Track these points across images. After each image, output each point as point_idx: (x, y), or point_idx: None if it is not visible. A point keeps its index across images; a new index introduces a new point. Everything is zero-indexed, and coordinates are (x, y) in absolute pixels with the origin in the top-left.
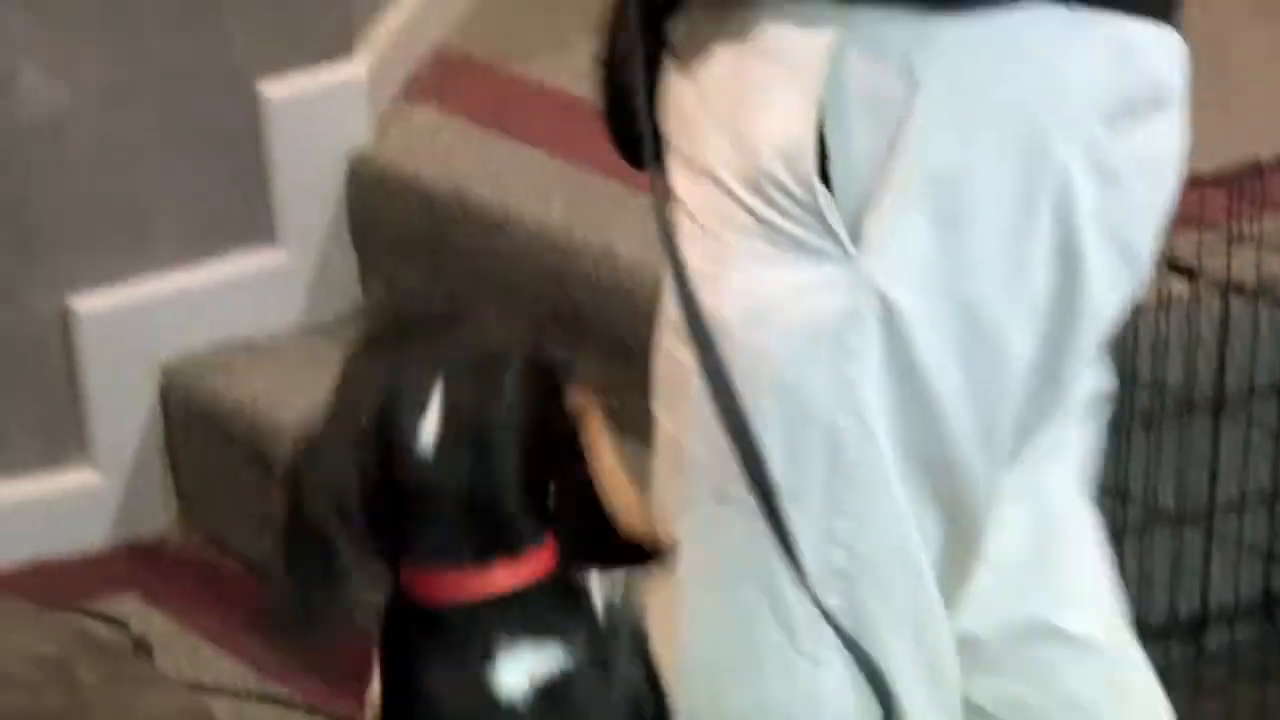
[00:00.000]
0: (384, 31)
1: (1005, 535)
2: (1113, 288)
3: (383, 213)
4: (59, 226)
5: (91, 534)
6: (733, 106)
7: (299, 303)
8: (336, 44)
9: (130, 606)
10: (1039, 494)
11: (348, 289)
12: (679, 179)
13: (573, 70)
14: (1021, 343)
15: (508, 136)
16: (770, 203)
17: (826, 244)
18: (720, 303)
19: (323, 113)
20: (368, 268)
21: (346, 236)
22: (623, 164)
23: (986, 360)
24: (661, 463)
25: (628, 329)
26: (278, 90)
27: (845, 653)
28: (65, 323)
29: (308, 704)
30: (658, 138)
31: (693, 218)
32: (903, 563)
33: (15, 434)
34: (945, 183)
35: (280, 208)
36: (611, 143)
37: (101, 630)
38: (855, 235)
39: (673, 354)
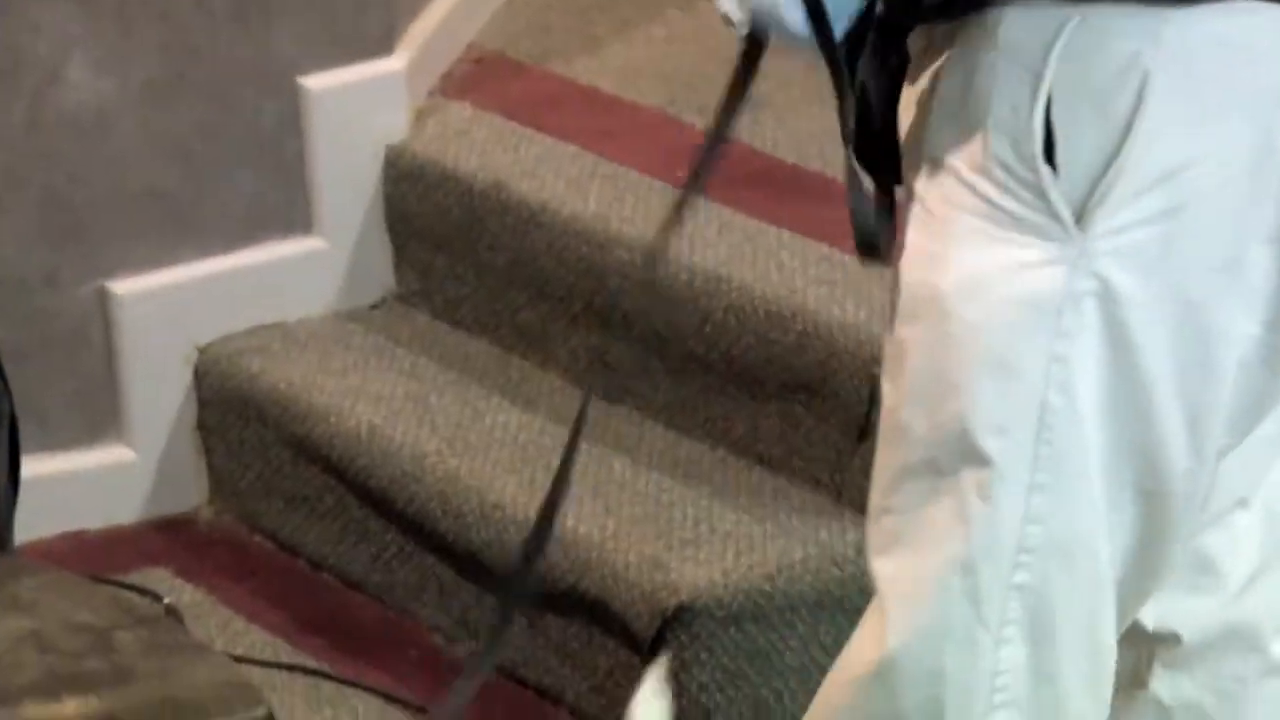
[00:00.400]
0: (422, 29)
1: (1234, 542)
2: None
3: (419, 204)
4: (102, 214)
5: (125, 509)
6: (964, 99)
7: (334, 290)
8: (377, 41)
9: (162, 580)
10: (1273, 504)
11: (383, 277)
12: (913, 177)
13: (605, 69)
14: (1238, 334)
15: (542, 132)
16: (996, 183)
17: (1050, 223)
18: (942, 277)
19: (362, 106)
20: (403, 257)
21: (382, 226)
22: (656, 159)
23: (1201, 351)
24: (881, 438)
25: (663, 321)
26: (319, 84)
27: (1028, 631)
28: (105, 305)
29: (339, 675)
30: (897, 150)
31: (922, 204)
32: (1088, 550)
33: (54, 411)
34: (1172, 174)
35: (318, 197)
36: (861, 166)
37: (138, 601)
38: (1080, 220)
39: (896, 332)
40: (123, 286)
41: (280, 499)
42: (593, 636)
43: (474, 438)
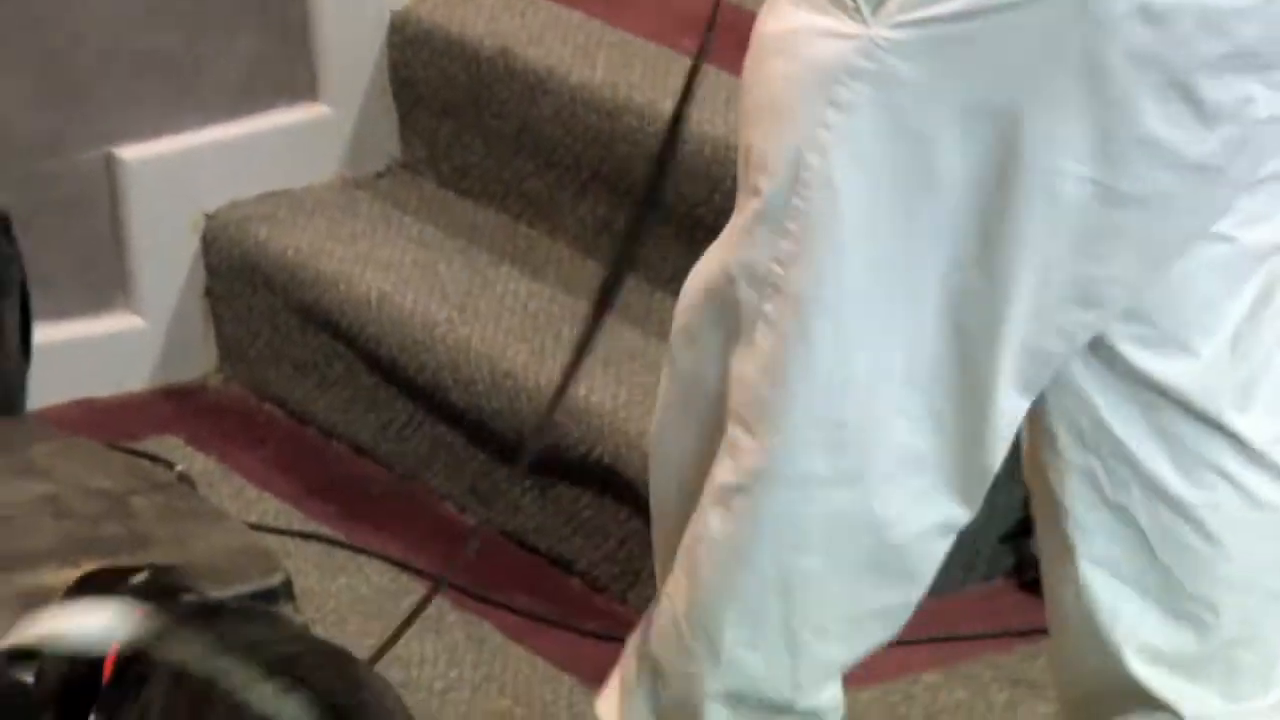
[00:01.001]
0: None
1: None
2: (1172, 125)
3: (424, 70)
4: (105, 79)
5: (135, 377)
6: None
7: (340, 156)
8: None
9: (174, 448)
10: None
11: (389, 145)
12: None
13: None
14: (1047, 166)
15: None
16: None
17: (853, 2)
18: (766, 25)
19: None
20: (408, 125)
21: (388, 93)
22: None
23: (995, 163)
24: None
25: (670, 187)
26: None
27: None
28: (111, 172)
29: (351, 543)
30: None
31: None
32: (822, 313)
33: (62, 279)
34: None
35: (322, 63)
36: None
37: (151, 468)
38: (876, 7)
39: None
40: (129, 152)
41: (289, 366)
42: (604, 505)
43: (483, 306)
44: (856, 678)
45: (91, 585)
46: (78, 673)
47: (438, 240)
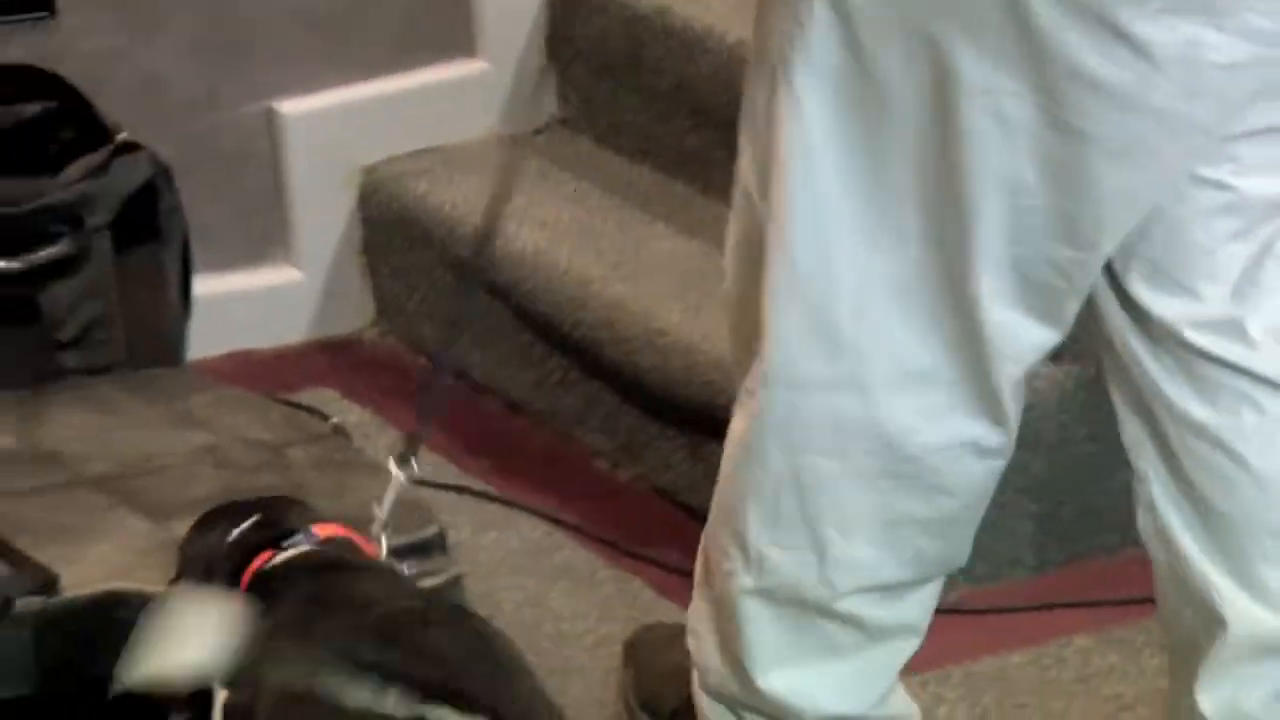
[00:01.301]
0: None
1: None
2: (1110, 62)
3: (582, 28)
4: (266, 34)
5: (292, 330)
6: None
7: (497, 113)
8: None
9: (329, 401)
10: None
11: (545, 101)
12: None
13: None
14: (985, 85)
15: None
16: None
17: None
18: None
19: None
20: (565, 82)
21: (545, 51)
22: None
23: (933, 90)
24: None
25: None
26: None
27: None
28: (271, 126)
29: (503, 497)
30: None
31: None
32: (805, 219)
33: (222, 232)
34: None
35: (481, 19)
36: None
37: (308, 419)
38: None
39: None
40: (288, 107)
41: (445, 322)
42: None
43: (638, 263)
44: (1007, 641)
45: (208, 525)
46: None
47: (593, 197)
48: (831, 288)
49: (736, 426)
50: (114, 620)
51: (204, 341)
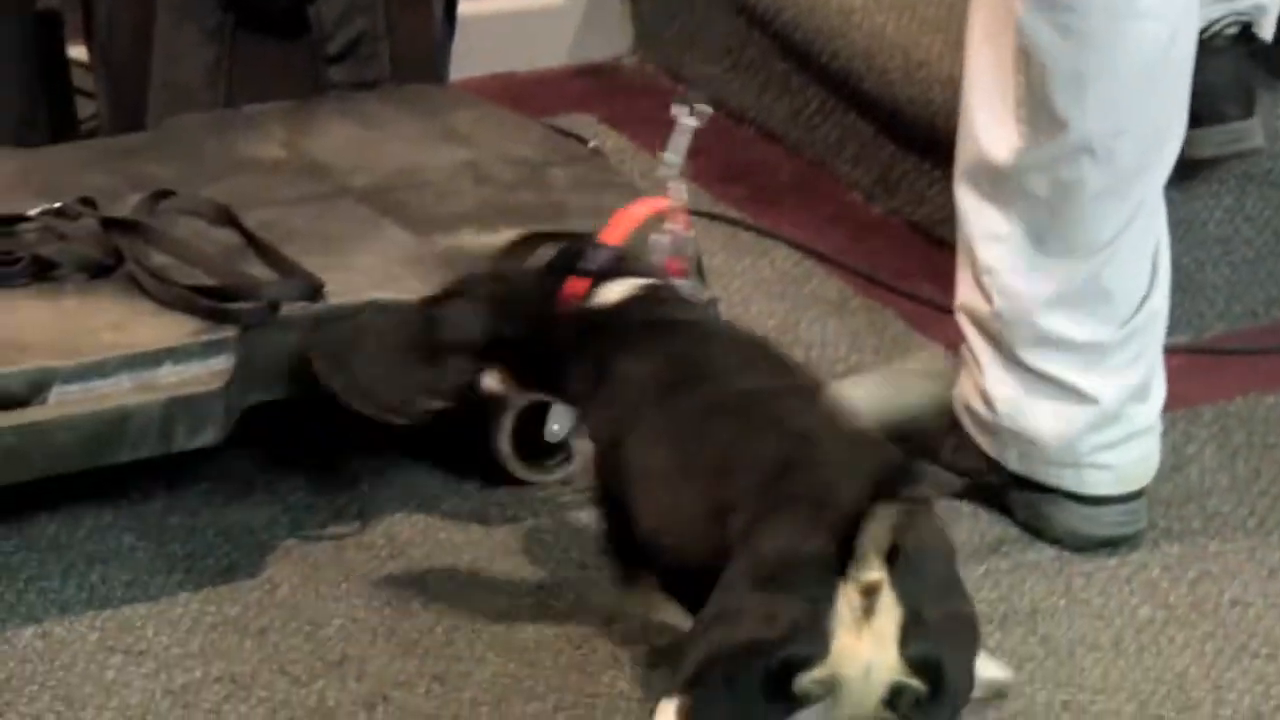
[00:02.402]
0: None
1: None
2: None
3: None
4: None
5: (553, 54)
6: None
7: None
8: None
9: (588, 125)
10: None
11: None
12: None
13: None
14: None
15: None
16: None
17: None
18: None
19: None
20: None
21: None
22: None
23: None
24: None
25: None
26: None
27: None
28: None
29: (759, 226)
30: None
31: None
32: None
33: None
34: None
35: None
36: None
37: (567, 141)
38: None
39: None
40: None
41: (704, 50)
42: None
43: None
44: (1261, 382)
45: (517, 252)
46: None
47: None
48: None
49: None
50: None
51: (467, 62)
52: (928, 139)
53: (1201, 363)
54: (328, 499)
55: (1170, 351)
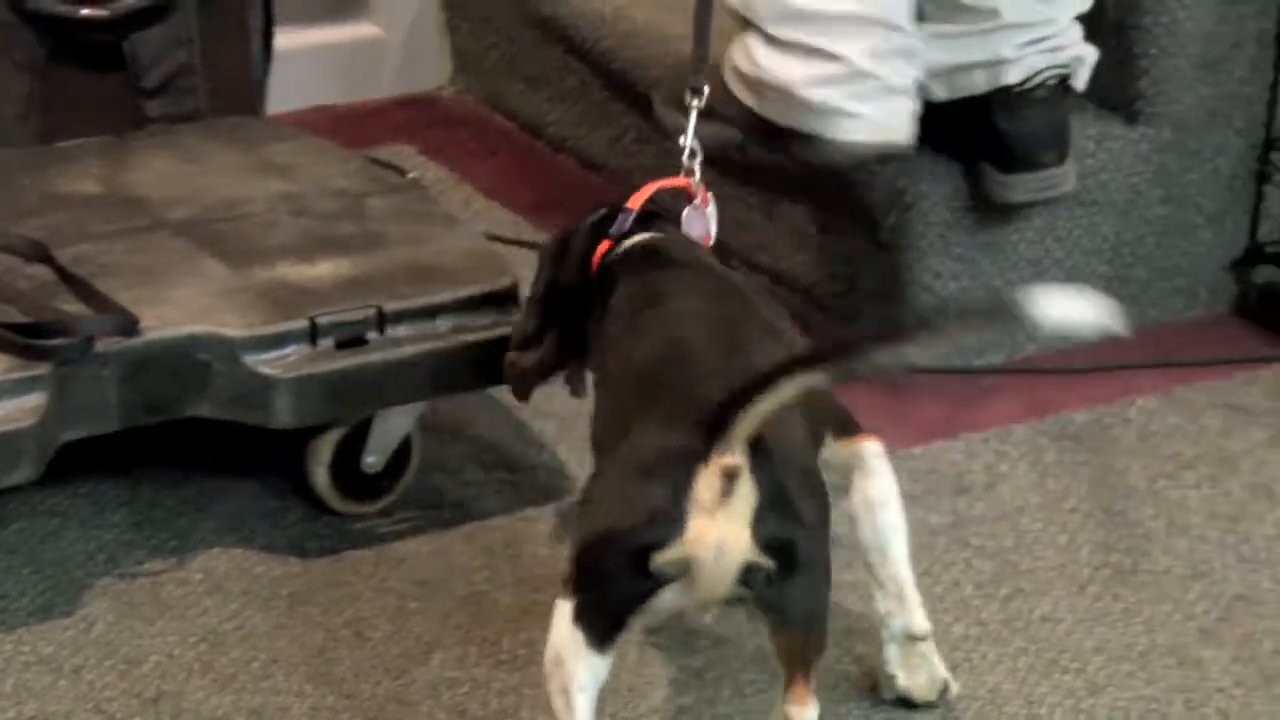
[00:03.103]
0: None
1: None
2: None
3: None
4: None
5: (372, 86)
6: None
7: None
8: None
9: (408, 157)
10: None
11: None
12: None
13: None
14: None
15: None
16: None
17: None
18: None
19: None
20: None
21: None
22: None
23: None
24: None
25: None
26: None
27: None
28: None
29: None
30: None
31: None
32: None
33: None
34: None
35: None
36: None
37: (386, 172)
38: None
39: None
40: None
41: (523, 80)
42: (828, 223)
43: (717, 19)
44: (1072, 401)
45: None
46: None
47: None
48: None
49: None
50: (193, 361)
51: (286, 95)
52: None
53: (1013, 382)
54: (145, 535)
55: (983, 372)
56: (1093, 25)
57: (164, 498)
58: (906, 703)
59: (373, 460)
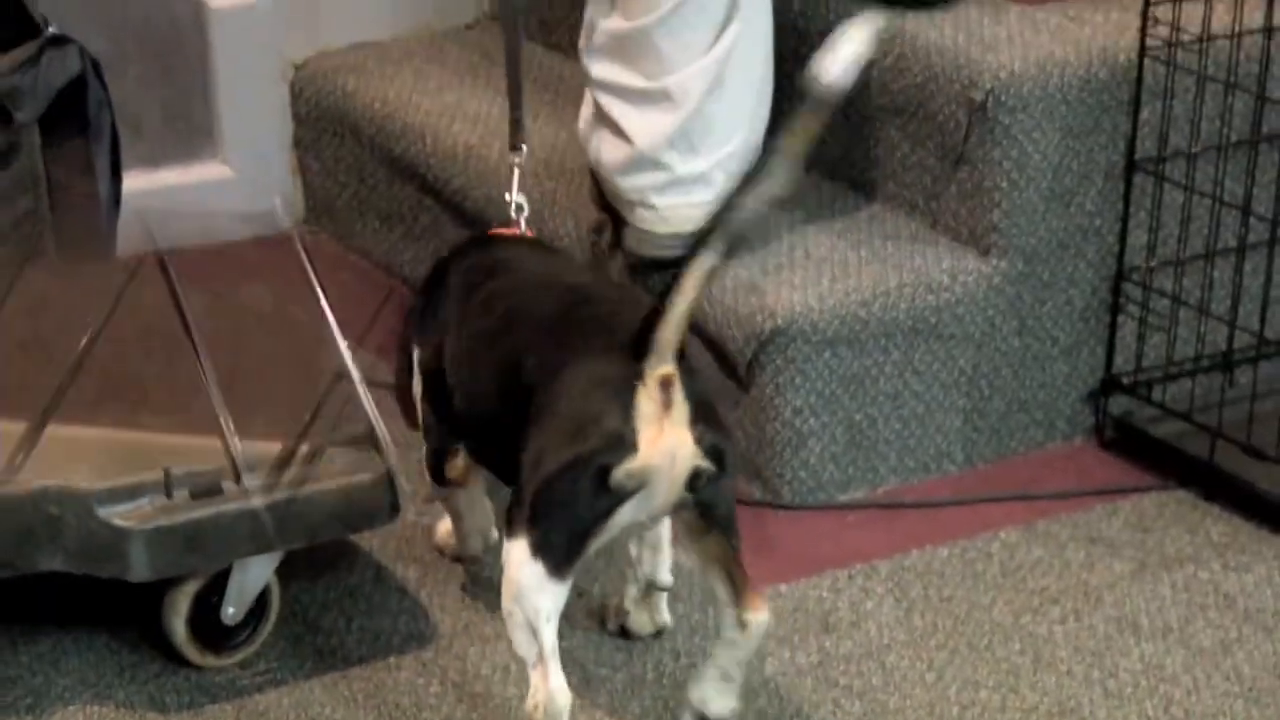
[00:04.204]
0: None
1: None
2: None
3: None
4: None
5: (225, 227)
6: None
7: (429, 8)
8: None
9: (262, 294)
10: None
11: None
12: None
13: None
14: None
15: None
16: None
17: None
18: None
19: None
20: None
21: None
22: None
23: None
24: None
25: None
26: None
27: None
28: (200, 20)
29: None
30: None
31: None
32: None
33: (152, 127)
34: None
35: None
36: None
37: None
38: None
39: None
40: (219, 0)
41: (376, 218)
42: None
43: (569, 160)
44: (934, 535)
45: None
46: None
47: (525, 92)
48: None
49: None
50: (44, 515)
51: (136, 238)
52: None
53: (876, 517)
54: None
55: (845, 507)
56: (944, 158)
57: (16, 654)
58: (625, 633)
59: (232, 611)
